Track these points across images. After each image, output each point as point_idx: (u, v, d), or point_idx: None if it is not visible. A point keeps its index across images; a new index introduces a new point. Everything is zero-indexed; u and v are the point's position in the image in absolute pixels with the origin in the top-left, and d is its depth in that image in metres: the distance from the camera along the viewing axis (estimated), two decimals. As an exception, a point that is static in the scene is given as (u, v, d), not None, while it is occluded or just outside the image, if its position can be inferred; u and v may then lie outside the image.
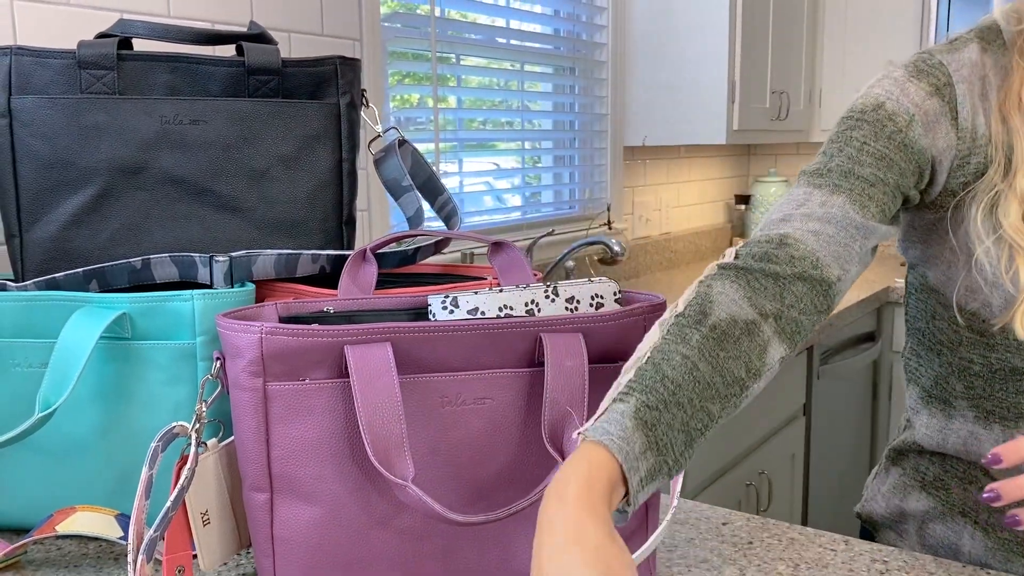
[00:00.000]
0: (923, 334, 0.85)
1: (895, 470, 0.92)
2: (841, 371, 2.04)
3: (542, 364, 0.65)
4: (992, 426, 0.79)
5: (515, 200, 2.21)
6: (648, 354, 0.60)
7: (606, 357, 0.68)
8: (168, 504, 0.63)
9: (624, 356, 0.68)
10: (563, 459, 0.63)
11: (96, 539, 0.78)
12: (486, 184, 2.12)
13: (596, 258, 2.09)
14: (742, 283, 0.65)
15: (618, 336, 0.68)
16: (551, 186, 2.31)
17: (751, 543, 0.77)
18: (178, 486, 0.64)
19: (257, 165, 0.85)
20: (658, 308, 0.69)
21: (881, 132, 0.74)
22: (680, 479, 0.67)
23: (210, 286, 0.80)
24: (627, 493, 0.55)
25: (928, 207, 0.78)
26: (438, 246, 0.93)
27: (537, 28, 2.21)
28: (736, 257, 0.68)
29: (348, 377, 0.63)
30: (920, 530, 0.88)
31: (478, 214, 2.09)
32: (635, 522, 0.69)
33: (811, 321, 0.67)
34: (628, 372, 0.60)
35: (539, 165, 2.28)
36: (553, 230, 1.81)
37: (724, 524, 0.81)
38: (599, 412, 0.58)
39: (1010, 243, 0.72)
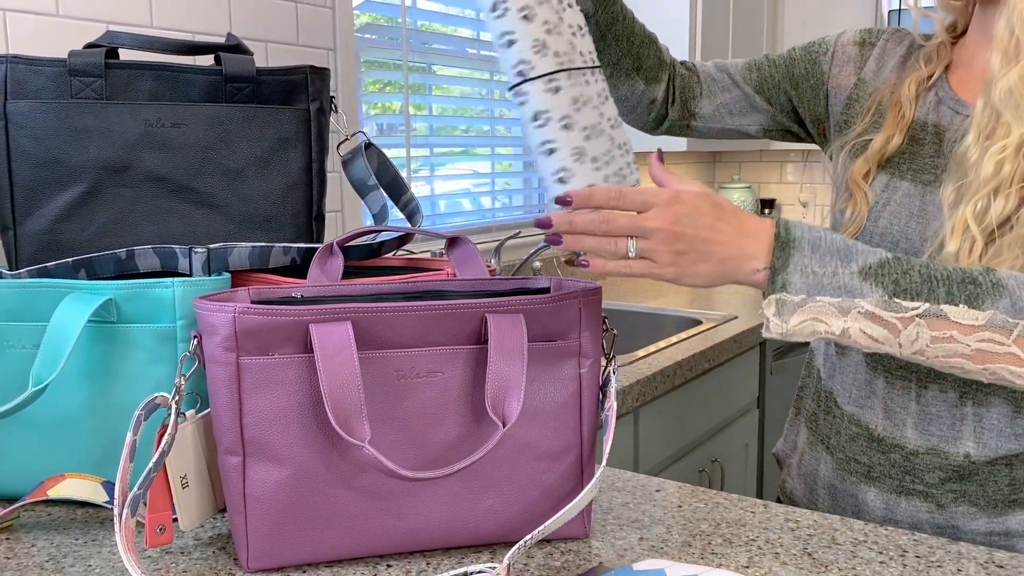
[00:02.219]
0: None
1: (793, 411, 1.09)
2: (791, 367, 2.15)
3: (487, 341, 0.73)
4: (832, 349, 0.98)
5: (486, 203, 2.29)
6: None
7: (544, 336, 0.76)
8: (150, 465, 0.70)
9: (561, 335, 0.77)
10: (504, 426, 0.71)
11: (83, 505, 0.85)
12: (462, 189, 2.20)
13: (563, 259, 2.18)
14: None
15: (555, 317, 0.76)
16: (521, 191, 2.40)
17: (680, 506, 0.85)
18: (159, 450, 0.72)
19: (233, 165, 0.93)
20: (592, 293, 0.78)
21: (807, 47, 1.01)
22: (609, 442, 0.75)
23: (189, 275, 0.87)
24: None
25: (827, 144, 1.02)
26: (401, 241, 1.01)
27: (507, 39, 2.30)
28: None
29: (313, 353, 0.70)
30: (799, 461, 1.04)
31: (451, 216, 2.17)
32: (571, 483, 0.77)
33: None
34: None
35: (510, 170, 2.37)
36: (519, 232, 1.89)
37: (657, 491, 0.89)
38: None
39: (849, 188, 0.92)
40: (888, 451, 0.93)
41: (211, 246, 0.87)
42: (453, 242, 0.89)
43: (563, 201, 0.72)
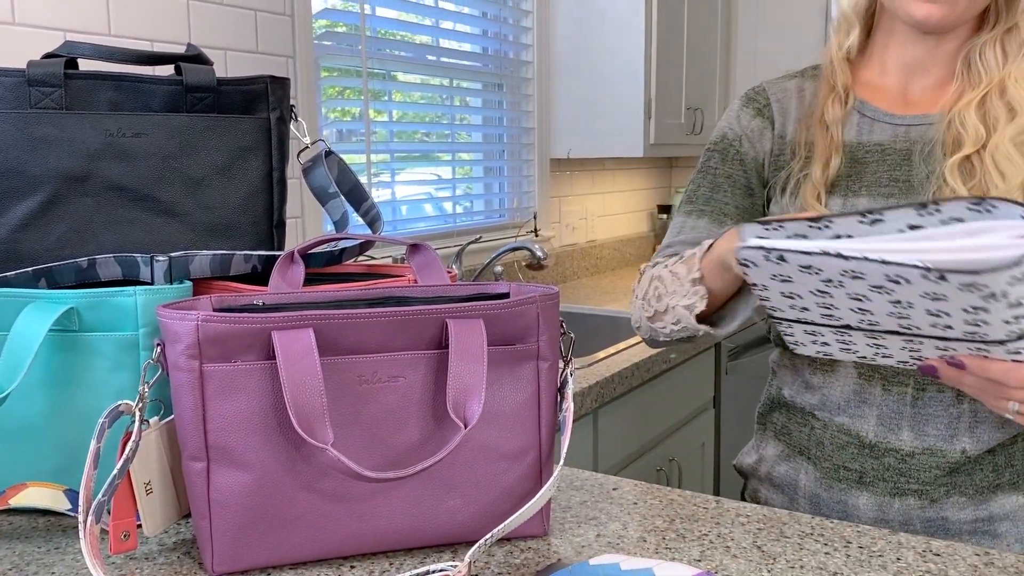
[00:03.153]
0: None
1: (759, 427, 1.12)
2: (746, 367, 2.20)
3: (447, 346, 0.75)
4: (810, 371, 1.02)
5: (448, 208, 2.31)
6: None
7: (504, 340, 0.78)
8: (114, 472, 0.71)
9: (519, 339, 0.79)
10: (465, 427, 0.73)
11: (45, 513, 0.86)
12: (423, 194, 2.22)
13: (524, 263, 2.21)
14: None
15: (514, 322, 0.78)
16: (482, 195, 2.42)
17: (636, 503, 0.88)
18: (123, 457, 0.72)
19: (194, 174, 0.94)
20: (549, 298, 0.80)
21: (726, 156, 1.04)
22: (566, 442, 0.78)
23: (151, 284, 0.88)
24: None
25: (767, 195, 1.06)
26: (362, 248, 1.02)
27: (467, 47, 2.32)
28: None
29: (275, 359, 0.72)
30: (769, 472, 1.08)
31: (412, 222, 2.18)
32: (530, 482, 0.80)
33: None
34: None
35: (471, 175, 2.39)
36: (480, 237, 1.91)
37: (614, 489, 0.92)
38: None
39: None
40: (881, 456, 0.96)
41: (172, 254, 0.88)
42: (414, 249, 0.91)
43: (957, 364, 0.75)
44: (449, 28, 2.23)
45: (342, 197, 1.04)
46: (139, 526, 0.77)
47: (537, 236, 2.48)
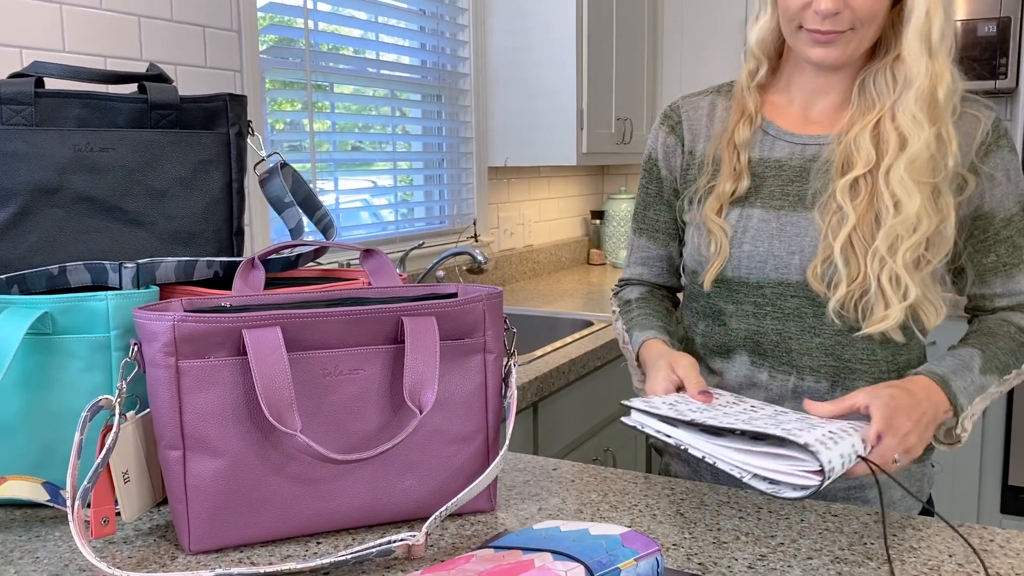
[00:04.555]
0: (686, 296, 1.21)
1: None
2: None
3: (403, 341, 0.84)
4: (713, 357, 1.15)
5: (389, 215, 2.38)
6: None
7: (453, 335, 0.87)
8: (97, 462, 0.77)
9: (468, 334, 0.87)
10: (421, 413, 0.82)
11: (23, 506, 0.91)
12: (363, 201, 2.28)
13: (465, 268, 2.29)
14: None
15: (463, 318, 0.87)
16: (423, 203, 2.50)
17: (573, 481, 0.97)
18: (105, 448, 0.79)
19: (158, 186, 1.00)
20: (494, 297, 0.89)
21: (651, 175, 1.18)
22: (511, 426, 0.87)
23: (119, 289, 0.93)
24: None
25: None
26: (317, 253, 1.10)
27: (406, 59, 2.40)
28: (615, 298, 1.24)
29: (246, 355, 0.79)
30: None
31: (355, 228, 2.24)
32: (479, 463, 0.88)
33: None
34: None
35: (412, 183, 2.46)
36: (423, 243, 1.99)
37: (554, 470, 1.01)
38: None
39: (707, 226, 1.07)
40: None
41: (139, 261, 0.94)
42: (367, 253, 0.99)
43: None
44: (389, 42, 2.31)
45: (297, 206, 1.11)
46: (118, 513, 0.83)
47: (477, 241, 2.56)
